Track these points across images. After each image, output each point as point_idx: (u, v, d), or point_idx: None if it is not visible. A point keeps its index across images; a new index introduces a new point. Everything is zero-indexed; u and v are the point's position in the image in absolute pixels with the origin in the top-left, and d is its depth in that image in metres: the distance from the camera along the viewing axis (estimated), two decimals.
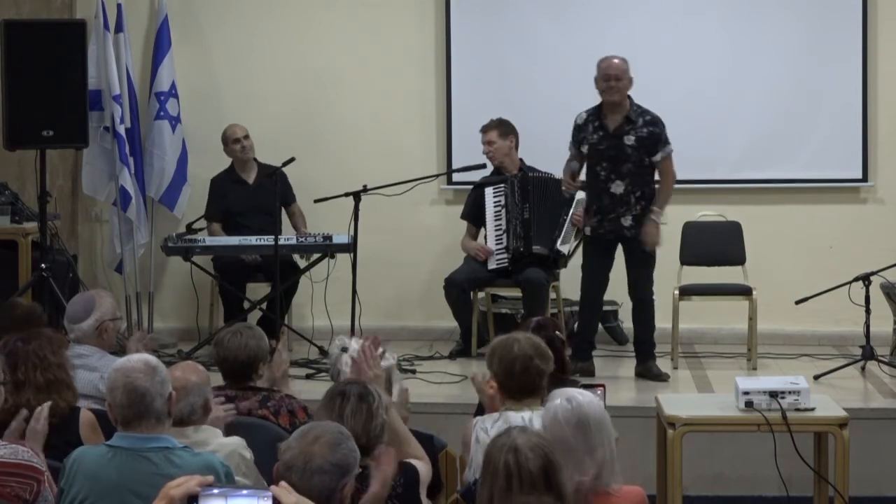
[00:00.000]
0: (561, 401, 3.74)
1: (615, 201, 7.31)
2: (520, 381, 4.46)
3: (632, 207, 7.31)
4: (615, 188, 7.30)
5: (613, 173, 7.30)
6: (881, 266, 7.43)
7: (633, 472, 4.98)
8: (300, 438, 3.19)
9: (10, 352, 4.54)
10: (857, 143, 8.53)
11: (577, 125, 7.45)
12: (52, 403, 4.39)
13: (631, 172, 7.29)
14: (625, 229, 7.33)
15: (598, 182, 7.36)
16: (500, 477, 3.26)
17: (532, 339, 4.53)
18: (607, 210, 7.34)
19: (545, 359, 4.48)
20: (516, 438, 3.31)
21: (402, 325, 8.73)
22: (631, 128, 7.29)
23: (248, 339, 4.86)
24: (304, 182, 8.44)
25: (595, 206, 7.38)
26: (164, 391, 3.78)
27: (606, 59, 7.35)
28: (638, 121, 7.30)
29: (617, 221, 7.33)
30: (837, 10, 8.51)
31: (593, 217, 7.40)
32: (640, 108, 7.36)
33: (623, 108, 7.31)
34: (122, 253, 8.64)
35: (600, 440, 3.67)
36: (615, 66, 7.29)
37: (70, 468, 3.77)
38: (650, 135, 7.29)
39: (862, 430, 5.99)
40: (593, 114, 7.41)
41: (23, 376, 4.49)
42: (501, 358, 4.50)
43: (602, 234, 7.40)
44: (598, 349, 8.33)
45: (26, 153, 7.76)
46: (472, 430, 4.42)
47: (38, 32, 7.45)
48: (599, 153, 7.34)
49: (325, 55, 8.86)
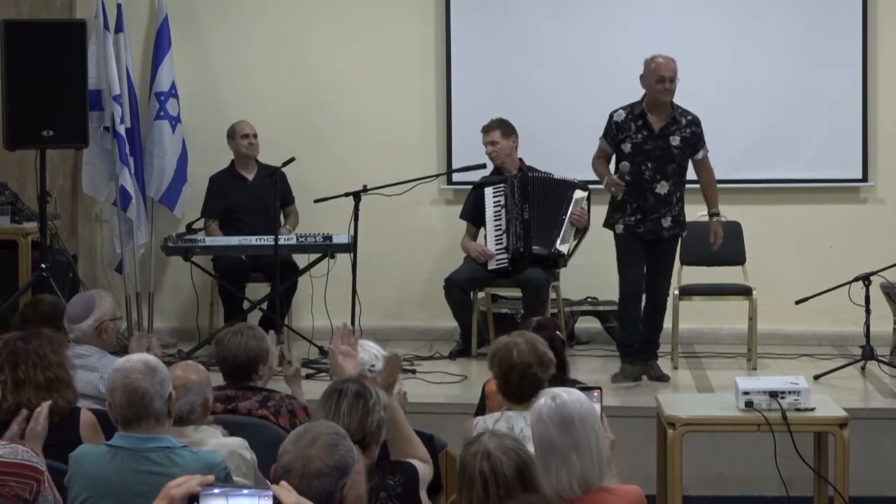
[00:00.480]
0: (546, 399, 3.74)
1: (659, 201, 7.17)
2: (518, 387, 4.48)
3: (672, 208, 7.19)
4: (660, 188, 7.14)
5: (659, 173, 7.15)
6: (881, 266, 7.43)
7: (633, 472, 5.00)
8: (297, 441, 3.18)
9: (10, 350, 4.55)
10: (857, 143, 8.53)
11: (617, 122, 7.23)
12: (52, 402, 4.39)
13: (675, 173, 7.19)
14: (664, 230, 7.20)
15: (642, 181, 7.16)
16: (478, 484, 3.27)
17: (534, 345, 4.52)
18: (650, 210, 7.17)
19: (545, 366, 4.48)
20: (488, 444, 3.32)
21: (402, 325, 8.73)
22: (676, 128, 7.17)
23: (248, 339, 4.86)
24: (304, 182, 8.44)
25: (635, 204, 7.17)
26: (164, 391, 3.78)
27: (658, 59, 7.15)
28: (682, 121, 7.19)
29: (658, 222, 7.18)
30: (837, 10, 8.51)
31: (630, 215, 7.19)
32: (680, 108, 7.25)
33: (667, 108, 7.18)
34: (122, 253, 8.64)
35: (585, 438, 3.65)
36: (670, 67, 7.13)
37: (71, 468, 3.78)
38: (693, 135, 7.21)
39: (862, 430, 6.00)
40: (634, 111, 7.21)
41: (23, 375, 4.50)
42: (500, 363, 4.51)
43: (641, 234, 7.20)
44: (599, 349, 8.36)
45: (26, 153, 7.76)
46: (473, 429, 4.42)
47: (38, 32, 7.44)
48: (645, 153, 7.15)
49: (325, 55, 8.86)
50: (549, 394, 3.77)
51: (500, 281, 8.06)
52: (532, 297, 7.77)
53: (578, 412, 3.69)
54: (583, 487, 3.60)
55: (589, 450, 3.65)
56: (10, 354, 4.54)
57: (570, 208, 7.90)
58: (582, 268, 8.35)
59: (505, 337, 4.63)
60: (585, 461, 3.63)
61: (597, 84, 8.59)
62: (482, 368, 7.65)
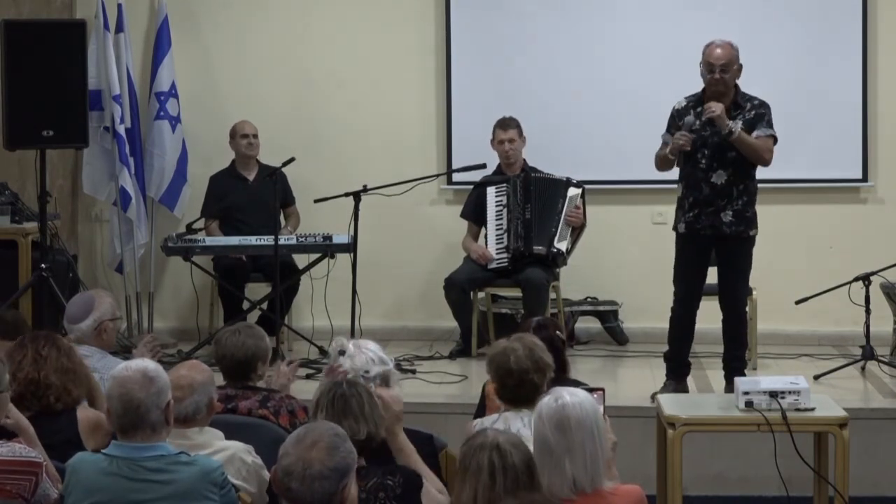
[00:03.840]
0: (548, 399, 3.74)
1: (715, 192, 6.59)
2: (514, 392, 4.48)
3: (733, 201, 6.60)
4: (716, 178, 6.58)
5: (715, 161, 6.58)
6: (881, 266, 7.43)
7: (633, 472, 4.99)
8: (297, 444, 3.19)
9: (35, 336, 4.67)
10: (857, 143, 8.53)
11: (677, 110, 6.74)
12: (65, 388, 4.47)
13: (735, 162, 6.58)
14: (724, 225, 6.60)
15: (697, 171, 6.61)
16: (485, 474, 3.26)
17: (531, 350, 4.49)
18: (706, 202, 6.60)
19: (542, 372, 4.46)
20: (497, 437, 3.32)
21: (402, 325, 8.73)
22: (739, 113, 6.62)
23: (245, 339, 4.85)
24: (304, 182, 8.44)
25: (691, 198, 6.64)
26: (161, 402, 3.76)
27: (709, 47, 6.61)
28: (746, 105, 6.66)
29: (716, 215, 6.59)
30: (837, 9, 8.50)
31: (689, 212, 6.67)
32: (748, 95, 6.70)
33: (728, 97, 6.61)
34: (122, 253, 8.64)
35: (580, 442, 3.64)
36: (719, 54, 6.55)
37: (68, 476, 3.78)
38: (756, 116, 6.63)
39: (862, 430, 6.00)
40: (696, 98, 6.71)
41: (45, 353, 4.55)
42: (498, 367, 4.50)
43: (698, 230, 6.63)
44: (598, 349, 8.36)
45: (26, 153, 7.76)
46: (473, 430, 4.42)
47: (38, 32, 7.44)
48: (702, 139, 6.59)
49: (325, 55, 8.86)
50: (555, 394, 3.76)
51: (500, 281, 8.06)
52: (532, 297, 7.77)
53: (577, 416, 3.67)
54: (574, 491, 3.60)
55: (582, 454, 3.64)
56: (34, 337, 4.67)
57: (565, 207, 7.90)
58: (582, 268, 8.36)
59: (503, 341, 4.60)
60: (577, 466, 3.62)
61: (597, 84, 8.60)
62: (482, 368, 7.61)
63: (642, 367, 7.71)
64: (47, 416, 4.46)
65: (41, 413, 4.45)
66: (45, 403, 4.50)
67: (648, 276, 8.14)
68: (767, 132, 6.65)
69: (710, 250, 6.75)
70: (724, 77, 6.56)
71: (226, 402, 4.70)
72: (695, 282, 6.76)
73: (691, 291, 6.76)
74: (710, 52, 6.60)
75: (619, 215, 8.57)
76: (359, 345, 4.51)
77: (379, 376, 4.41)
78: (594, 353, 8.26)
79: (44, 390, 4.50)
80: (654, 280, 7.68)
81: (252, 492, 4.20)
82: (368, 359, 4.46)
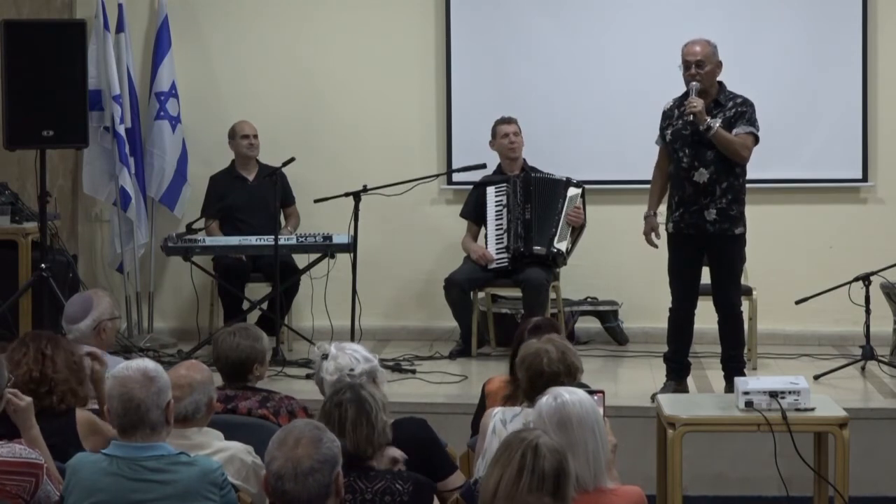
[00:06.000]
0: (548, 398, 3.75)
1: (698, 191, 6.58)
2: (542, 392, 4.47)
3: (717, 199, 6.59)
4: (698, 176, 6.57)
5: (697, 160, 6.58)
6: (881, 266, 7.42)
7: (633, 472, 4.99)
8: (281, 446, 3.21)
9: (36, 335, 4.67)
10: (857, 143, 8.52)
11: (664, 112, 6.79)
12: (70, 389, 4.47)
13: (715, 160, 6.57)
14: (707, 223, 6.60)
15: (680, 170, 6.63)
16: (514, 465, 3.25)
17: (564, 354, 4.48)
18: (689, 201, 6.61)
19: (573, 376, 4.48)
20: (539, 437, 3.31)
21: (402, 325, 8.73)
22: (719, 111, 6.61)
23: (241, 340, 4.85)
24: (304, 182, 8.45)
25: (676, 197, 6.68)
26: (161, 401, 3.76)
27: (687, 44, 6.65)
28: (727, 104, 6.65)
29: (699, 214, 6.60)
30: (837, 10, 8.50)
31: (675, 211, 6.69)
32: (731, 94, 6.70)
33: (710, 95, 6.63)
34: (122, 253, 8.64)
35: (582, 440, 3.66)
36: (694, 50, 6.59)
37: (68, 476, 3.78)
38: (736, 113, 6.61)
39: (862, 430, 6.00)
40: (681, 98, 6.71)
41: (50, 351, 4.54)
42: (529, 368, 4.48)
43: (683, 229, 6.66)
44: (598, 349, 8.36)
45: (26, 153, 7.76)
46: (491, 419, 4.43)
47: (38, 32, 7.44)
48: (683, 138, 6.62)
49: (325, 55, 8.86)
50: (553, 393, 3.78)
51: (500, 281, 8.06)
52: (532, 297, 7.77)
53: (577, 414, 3.69)
54: (576, 489, 3.60)
55: (584, 452, 3.66)
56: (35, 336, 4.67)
57: (565, 207, 7.90)
58: (582, 268, 8.36)
59: (535, 342, 4.56)
60: (580, 463, 3.63)
61: (597, 85, 8.60)
62: (482, 368, 7.69)
63: (642, 368, 7.71)
64: (48, 415, 4.45)
65: (41, 413, 4.44)
66: (47, 403, 4.49)
67: (648, 276, 8.12)
68: (747, 129, 6.62)
69: (701, 249, 6.74)
70: (699, 73, 6.58)
71: (226, 403, 4.71)
72: (689, 281, 6.76)
73: (686, 291, 6.77)
74: (687, 49, 6.65)
75: (619, 215, 8.54)
76: (341, 346, 4.52)
77: (366, 373, 4.42)
78: (594, 353, 8.25)
79: (46, 389, 4.49)
80: (654, 280, 7.67)
81: (252, 492, 4.20)
82: (352, 358, 4.47)
